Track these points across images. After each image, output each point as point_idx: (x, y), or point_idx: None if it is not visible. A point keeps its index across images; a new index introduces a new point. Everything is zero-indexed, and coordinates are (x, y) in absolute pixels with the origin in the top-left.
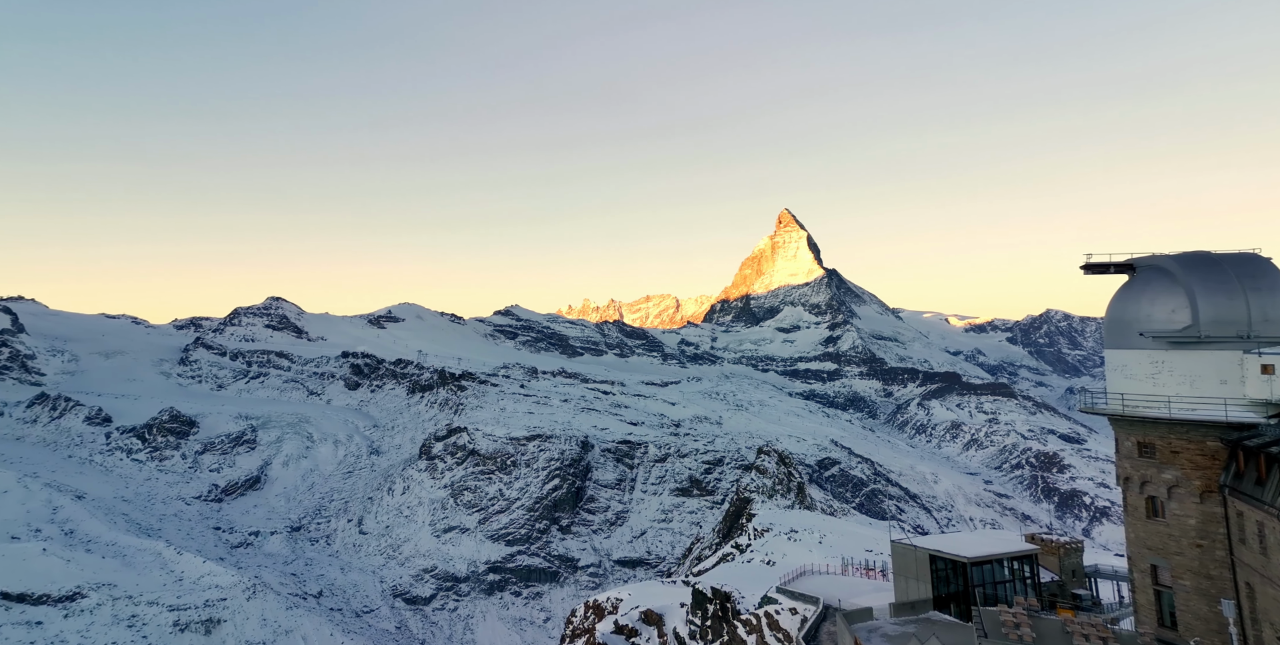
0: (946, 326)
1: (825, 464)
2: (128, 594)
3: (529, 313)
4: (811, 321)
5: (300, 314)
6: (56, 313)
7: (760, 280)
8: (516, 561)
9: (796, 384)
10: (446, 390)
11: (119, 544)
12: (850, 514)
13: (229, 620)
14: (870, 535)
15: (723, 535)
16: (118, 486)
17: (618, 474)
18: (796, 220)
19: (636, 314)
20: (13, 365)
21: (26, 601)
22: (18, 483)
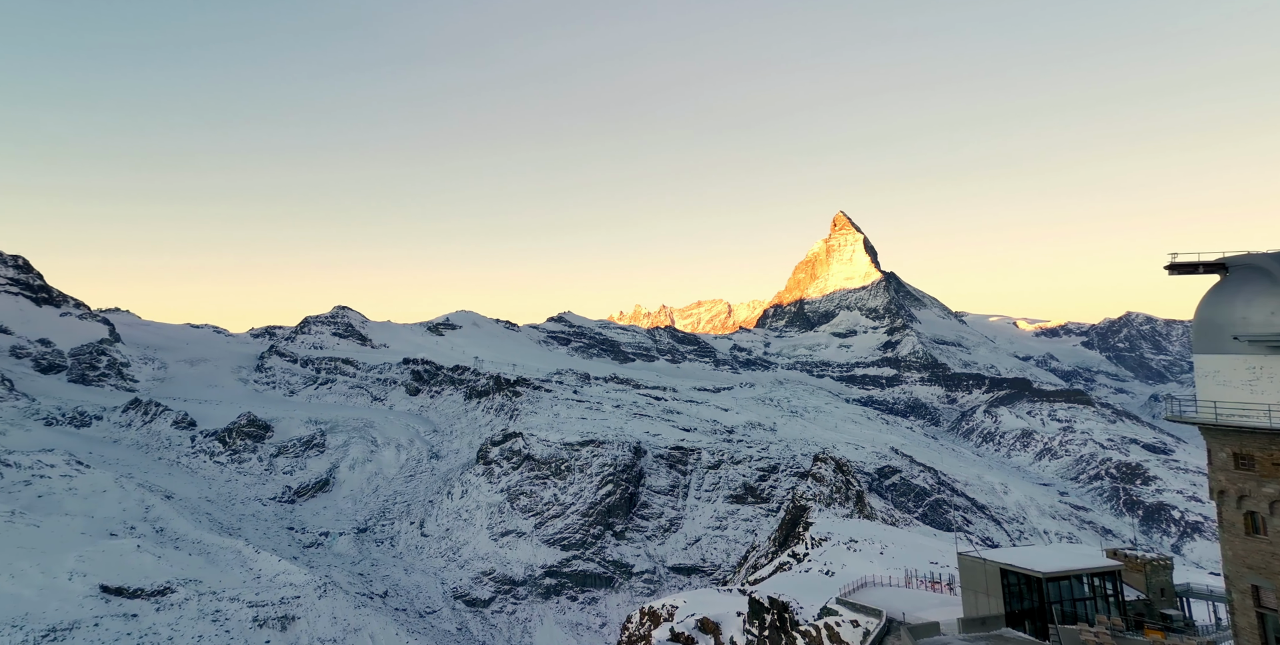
0: (1015, 330)
1: (885, 472)
2: (212, 590)
3: (581, 319)
4: (869, 326)
5: (364, 322)
6: (148, 323)
7: (815, 284)
8: (572, 566)
9: (853, 390)
10: (502, 396)
11: (203, 542)
12: (913, 524)
13: (303, 617)
14: (935, 546)
15: (779, 544)
16: (202, 487)
17: (671, 480)
18: (852, 223)
19: (688, 319)
20: (110, 372)
21: (124, 595)
22: (115, 483)
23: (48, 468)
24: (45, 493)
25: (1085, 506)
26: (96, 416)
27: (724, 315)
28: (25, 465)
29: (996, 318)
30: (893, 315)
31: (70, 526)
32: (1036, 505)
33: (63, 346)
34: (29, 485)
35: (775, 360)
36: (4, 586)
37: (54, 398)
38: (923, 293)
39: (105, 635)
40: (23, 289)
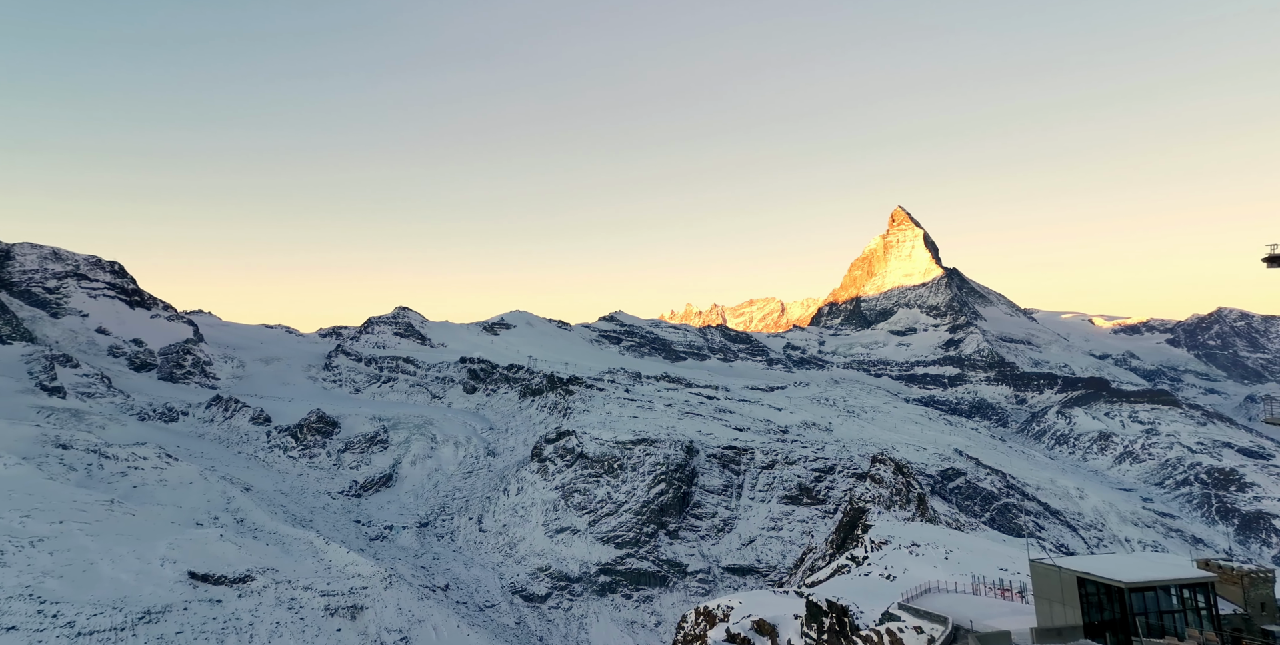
0: (1090, 328)
1: (949, 475)
2: (287, 578)
3: (632, 318)
4: (929, 324)
5: (424, 322)
6: (227, 324)
7: (871, 281)
8: (626, 564)
9: (913, 390)
10: (555, 394)
11: (279, 533)
12: (979, 529)
13: (370, 607)
14: (1004, 553)
15: (836, 546)
16: (276, 481)
17: (724, 480)
18: (911, 218)
19: (740, 318)
20: (195, 371)
21: (209, 581)
22: (200, 475)
23: (141, 460)
24: (139, 483)
25: (1172, 514)
26: (183, 412)
27: (777, 314)
28: (122, 457)
29: (1070, 314)
30: (955, 312)
31: (161, 516)
32: (1116, 511)
33: (153, 346)
34: (125, 476)
35: (830, 359)
36: (105, 570)
37: (146, 394)
38: (988, 289)
39: (194, 619)
40: (118, 293)
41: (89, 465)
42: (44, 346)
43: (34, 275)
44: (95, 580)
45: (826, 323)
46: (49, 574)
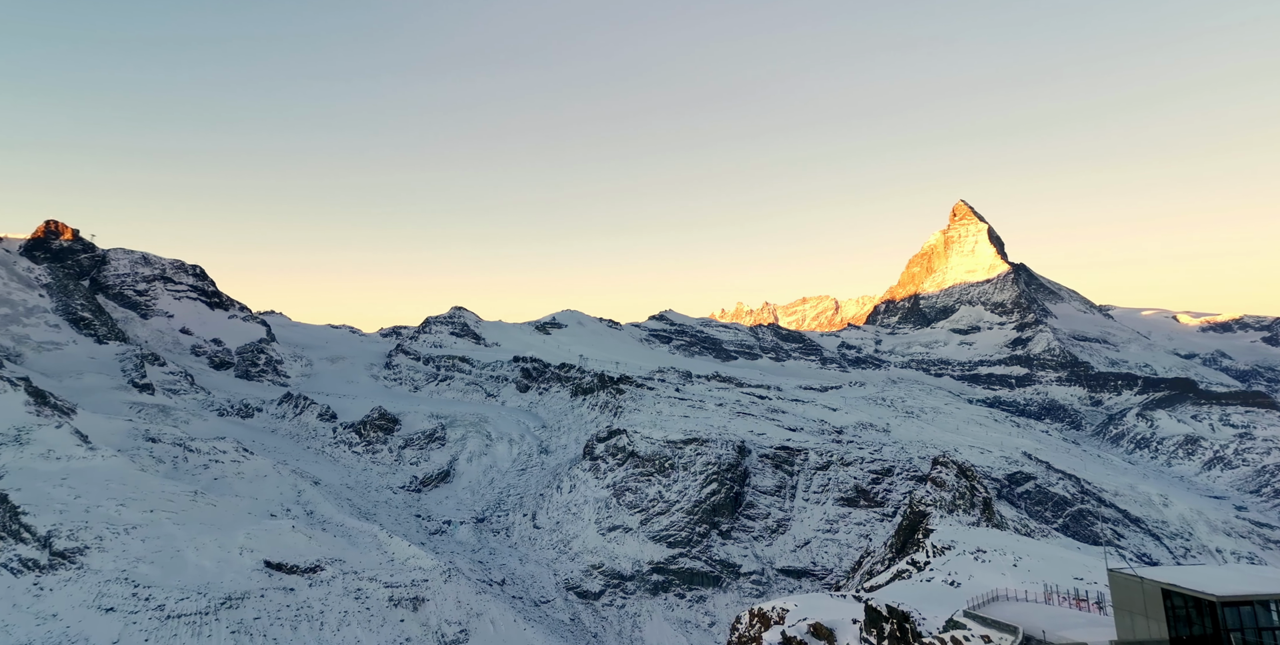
0: (1174, 325)
1: (1017, 479)
2: (354, 569)
3: (682, 317)
4: (994, 322)
5: (478, 322)
6: (297, 324)
7: (931, 278)
8: (679, 564)
9: (977, 390)
10: (606, 393)
11: (345, 525)
12: (1051, 536)
13: (431, 599)
14: (1079, 561)
15: (896, 550)
16: (342, 475)
17: (777, 481)
18: (974, 212)
19: (792, 317)
20: (268, 369)
21: (283, 570)
22: (273, 469)
23: (221, 454)
24: (219, 476)
25: (1271, 524)
26: (257, 408)
27: (830, 312)
28: (204, 451)
29: (1151, 311)
30: (1023, 310)
31: (239, 506)
32: (1205, 520)
33: (230, 345)
34: (207, 469)
35: (887, 358)
36: (191, 558)
37: (224, 391)
38: (1059, 285)
39: (270, 606)
40: (200, 295)
41: (175, 457)
42: (135, 346)
43: (126, 279)
44: (182, 566)
45: (883, 321)
46: (141, 560)
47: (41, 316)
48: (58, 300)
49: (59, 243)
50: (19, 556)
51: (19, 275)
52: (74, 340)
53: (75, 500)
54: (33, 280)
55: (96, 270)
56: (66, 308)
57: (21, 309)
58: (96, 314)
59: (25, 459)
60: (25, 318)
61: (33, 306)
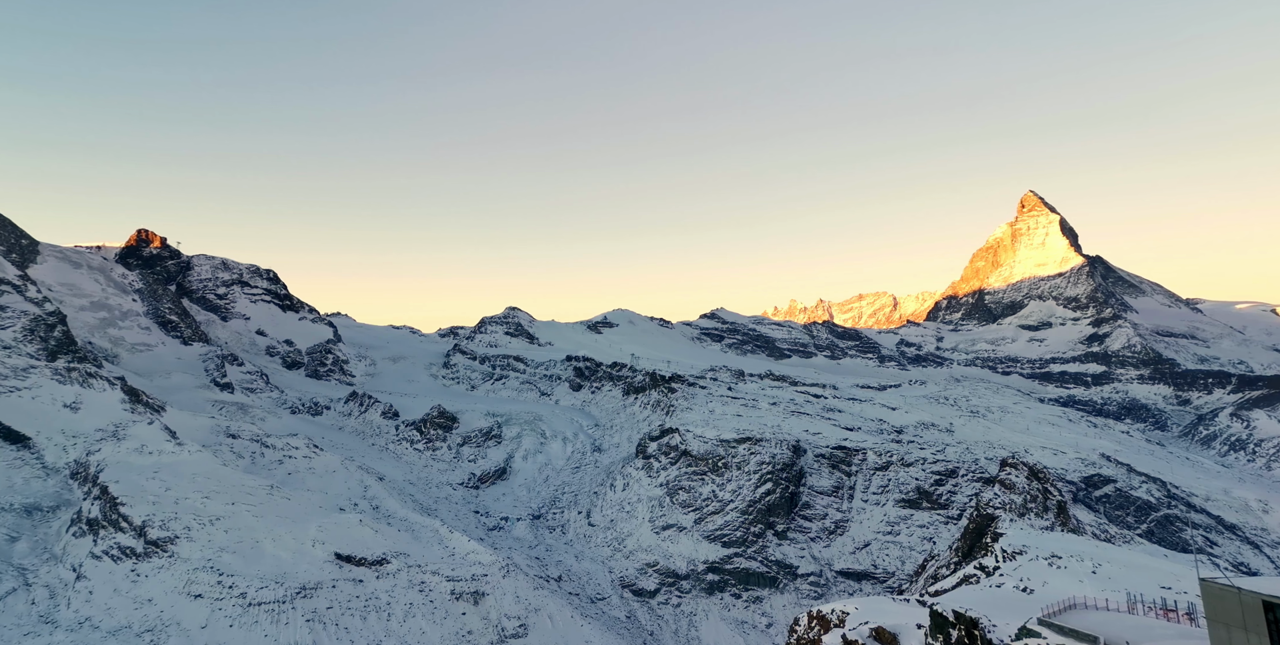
0: (1273, 319)
1: (1094, 482)
2: (417, 563)
3: (734, 315)
4: (1067, 317)
5: (532, 322)
6: (361, 325)
7: (997, 273)
8: (734, 564)
9: (1049, 389)
10: (658, 392)
11: (409, 520)
12: (1134, 542)
13: (490, 594)
14: (1166, 569)
15: (962, 554)
16: (405, 471)
17: (834, 481)
18: (1045, 203)
19: (848, 314)
20: (335, 368)
21: (352, 562)
22: (341, 465)
23: (294, 450)
24: (293, 470)
25: None
26: (326, 406)
27: (888, 309)
28: (279, 447)
29: (1246, 304)
30: (1099, 304)
31: (311, 500)
32: None
33: (301, 346)
34: (281, 464)
35: (950, 356)
36: (268, 548)
37: (296, 390)
38: (1140, 278)
39: (340, 596)
40: (273, 298)
41: (253, 453)
42: (216, 347)
43: (208, 284)
44: (260, 557)
45: (945, 317)
46: (225, 549)
47: (135, 319)
48: (148, 304)
49: (149, 250)
50: (118, 544)
51: (115, 281)
52: (163, 342)
53: (166, 492)
54: (126, 286)
55: (182, 275)
56: (156, 311)
57: (117, 313)
58: (182, 317)
59: (122, 453)
60: (120, 321)
61: (127, 310)
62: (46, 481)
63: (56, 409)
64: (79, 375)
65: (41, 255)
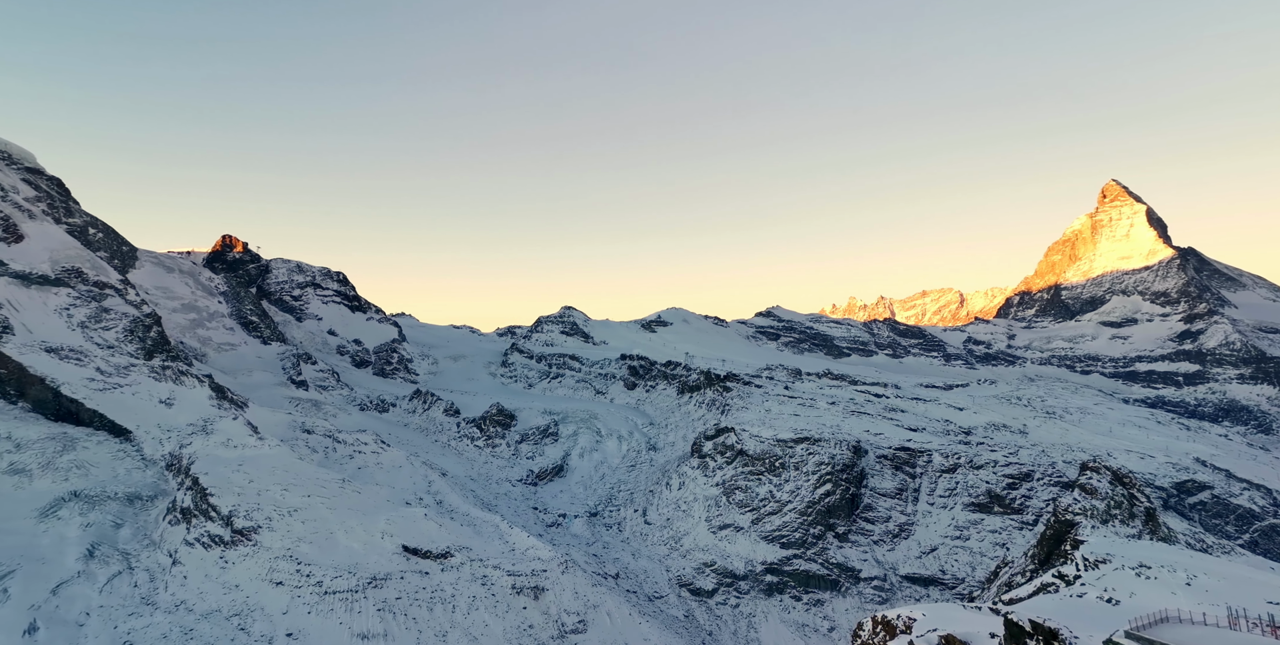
0: None
1: (1188, 488)
2: (479, 557)
3: (790, 313)
4: (1155, 313)
5: (587, 321)
6: (424, 325)
7: (1075, 266)
8: (793, 565)
9: (1134, 389)
10: (713, 391)
11: (470, 515)
12: (1235, 553)
13: (550, 589)
14: (1273, 583)
15: (1039, 562)
16: (466, 467)
17: (897, 483)
18: (1129, 192)
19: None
20: (400, 367)
21: (418, 555)
22: (406, 460)
23: (363, 445)
24: (363, 465)
25: None
26: (392, 404)
27: (954, 305)
28: (349, 442)
29: None
30: (1192, 299)
31: (379, 494)
32: None
33: (368, 345)
34: (352, 459)
35: (1022, 354)
36: (341, 540)
37: (364, 388)
38: (1239, 271)
39: (408, 587)
40: (343, 299)
41: (326, 448)
42: (292, 346)
43: (284, 286)
44: (334, 547)
45: (1017, 314)
46: (302, 540)
47: (220, 320)
48: (232, 306)
49: (232, 255)
50: (208, 533)
51: (202, 284)
52: (245, 341)
53: (249, 484)
54: (213, 288)
55: (261, 278)
56: (238, 312)
57: (205, 314)
58: (262, 318)
59: (210, 447)
60: (208, 322)
61: (213, 312)
62: (145, 472)
63: (153, 404)
64: (172, 373)
65: (139, 261)
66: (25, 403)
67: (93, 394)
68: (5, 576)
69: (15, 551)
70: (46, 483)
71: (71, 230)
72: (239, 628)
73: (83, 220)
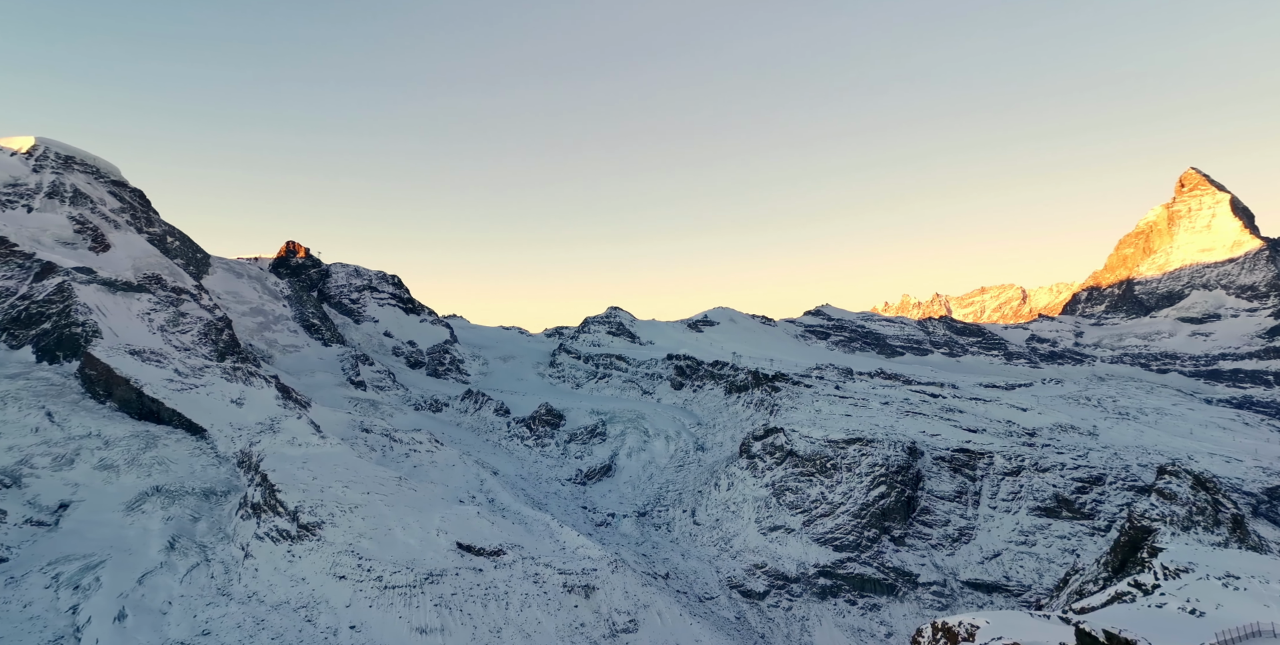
0: None
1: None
2: (531, 555)
3: (840, 311)
4: (1240, 308)
5: (633, 321)
6: (475, 326)
7: (1150, 260)
8: (848, 568)
9: (1218, 388)
10: (761, 391)
11: (521, 514)
12: None
13: (600, 588)
14: None
15: (1113, 569)
16: (516, 466)
17: (956, 486)
18: (1211, 180)
19: (969, 308)
20: (452, 368)
21: (472, 552)
22: (459, 459)
23: (418, 444)
24: (418, 464)
25: None
26: (444, 404)
27: (1016, 302)
28: (405, 441)
29: None
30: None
31: (434, 492)
32: None
33: (422, 347)
34: (408, 457)
35: (1091, 352)
36: (399, 536)
37: (418, 388)
38: None
39: (463, 583)
40: (398, 302)
41: (383, 446)
42: (351, 348)
43: (343, 290)
44: (393, 543)
45: (1085, 310)
46: (363, 536)
47: (285, 323)
48: (295, 309)
49: (295, 260)
50: (276, 527)
51: (269, 289)
52: (307, 343)
53: (313, 481)
54: (278, 293)
55: (321, 282)
56: (301, 316)
57: (271, 317)
58: (323, 321)
59: (277, 445)
60: (274, 325)
61: (279, 315)
62: (219, 468)
63: (225, 404)
64: (242, 374)
65: (212, 267)
66: (113, 402)
67: (171, 394)
68: (98, 566)
69: (106, 542)
70: (132, 478)
71: (152, 239)
72: (306, 620)
73: (162, 229)
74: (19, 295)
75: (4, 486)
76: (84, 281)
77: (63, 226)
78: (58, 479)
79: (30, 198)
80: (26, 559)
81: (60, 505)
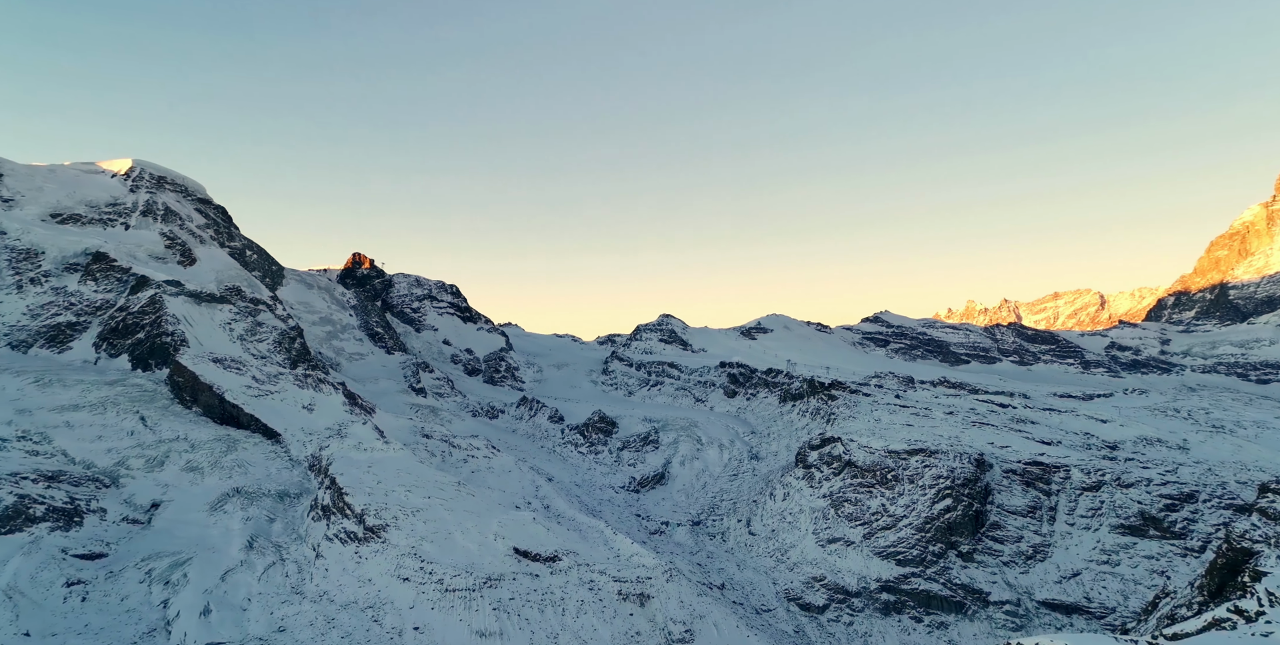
0: None
1: None
2: (586, 562)
3: (900, 318)
4: None
5: (685, 329)
6: (529, 334)
7: (1247, 263)
8: (912, 584)
9: None
10: (817, 399)
11: (576, 520)
12: None
13: (655, 597)
14: None
15: (1209, 593)
16: (570, 473)
17: (1029, 500)
18: None
19: (1040, 315)
20: (507, 375)
21: (528, 557)
22: (515, 465)
23: (476, 450)
24: (475, 469)
25: None
26: (500, 411)
27: (1093, 308)
28: (463, 447)
29: None
30: None
31: (491, 498)
32: None
33: (479, 354)
34: (465, 463)
35: (1179, 361)
36: (458, 540)
37: (475, 395)
38: None
39: (520, 588)
40: (456, 310)
41: (443, 452)
42: (412, 356)
43: (405, 299)
44: (452, 547)
45: (1172, 317)
46: (424, 539)
47: (351, 332)
48: (360, 319)
49: (361, 271)
50: (345, 529)
51: (336, 299)
52: (372, 351)
53: (378, 485)
54: (345, 303)
55: (385, 292)
56: (366, 325)
57: (339, 326)
58: (386, 329)
59: (344, 449)
60: (341, 334)
61: (345, 324)
62: (293, 471)
63: (297, 410)
64: (312, 381)
65: (285, 279)
66: (198, 407)
67: (249, 400)
68: (185, 563)
69: (192, 540)
70: (215, 479)
71: (232, 253)
72: (373, 620)
73: (241, 243)
74: (117, 307)
75: (104, 486)
76: (173, 293)
77: (155, 242)
78: (150, 480)
79: (128, 216)
80: (124, 555)
81: (152, 504)
